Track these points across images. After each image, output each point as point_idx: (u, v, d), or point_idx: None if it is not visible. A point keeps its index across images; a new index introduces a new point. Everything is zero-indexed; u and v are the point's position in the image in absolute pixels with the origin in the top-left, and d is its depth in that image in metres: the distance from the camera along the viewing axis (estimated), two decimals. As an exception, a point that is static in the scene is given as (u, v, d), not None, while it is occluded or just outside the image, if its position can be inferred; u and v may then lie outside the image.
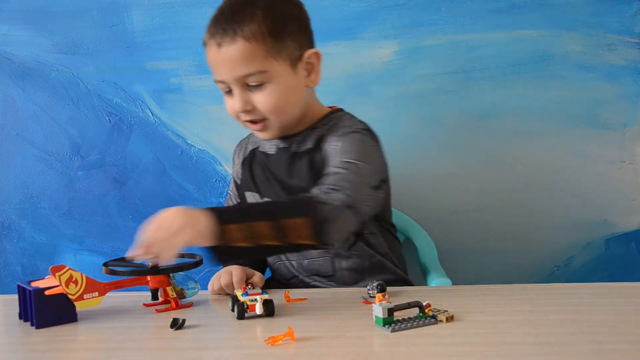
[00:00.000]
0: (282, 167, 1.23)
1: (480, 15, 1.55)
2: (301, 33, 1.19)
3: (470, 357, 0.76)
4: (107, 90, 1.63)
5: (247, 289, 0.96)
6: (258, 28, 1.11)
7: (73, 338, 0.90)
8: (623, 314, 0.92)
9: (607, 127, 1.56)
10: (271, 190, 1.24)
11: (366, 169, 1.13)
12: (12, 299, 1.09)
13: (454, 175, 1.58)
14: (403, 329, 0.85)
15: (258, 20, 1.12)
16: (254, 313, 0.94)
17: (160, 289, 1.04)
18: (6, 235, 1.67)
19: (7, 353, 0.86)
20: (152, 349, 0.84)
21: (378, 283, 1.02)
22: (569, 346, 0.79)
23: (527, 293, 1.07)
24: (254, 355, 0.80)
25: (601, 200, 1.57)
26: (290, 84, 1.16)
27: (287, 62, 1.15)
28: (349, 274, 1.21)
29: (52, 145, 1.65)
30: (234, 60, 1.12)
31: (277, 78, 1.14)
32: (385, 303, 0.87)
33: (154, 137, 1.63)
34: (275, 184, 1.23)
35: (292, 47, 1.15)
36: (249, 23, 1.11)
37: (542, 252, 1.59)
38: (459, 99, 1.57)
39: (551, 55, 1.55)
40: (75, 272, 0.95)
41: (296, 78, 1.17)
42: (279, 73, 1.14)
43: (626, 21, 1.53)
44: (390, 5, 1.55)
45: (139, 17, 1.60)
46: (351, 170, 1.10)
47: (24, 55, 1.64)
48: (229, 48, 1.12)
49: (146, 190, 1.64)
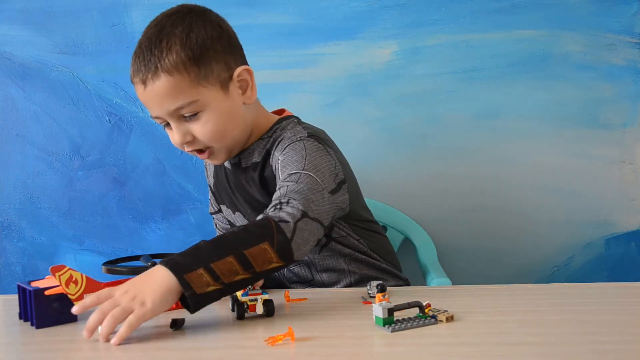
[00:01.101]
0: (238, 182, 1.21)
1: (480, 15, 1.55)
2: (226, 52, 1.13)
3: (470, 357, 0.76)
4: (107, 90, 1.63)
5: (247, 288, 0.96)
6: (178, 59, 1.07)
7: (73, 338, 0.89)
8: (623, 314, 0.92)
9: (607, 127, 1.56)
10: (238, 203, 1.23)
11: (314, 176, 1.08)
12: (12, 299, 1.09)
13: (454, 175, 1.58)
14: (403, 329, 0.85)
15: (177, 51, 1.07)
16: (254, 313, 0.94)
17: None
18: (6, 235, 1.67)
19: (7, 353, 0.86)
20: (152, 349, 0.84)
21: (378, 283, 1.01)
22: (569, 346, 0.79)
23: (527, 293, 1.07)
24: (254, 355, 0.80)
25: (601, 200, 1.57)
26: (225, 107, 1.12)
27: (217, 86, 1.11)
28: (328, 275, 1.21)
29: (52, 145, 1.65)
30: (161, 95, 1.08)
31: (209, 105, 1.10)
32: (385, 303, 0.87)
33: (154, 137, 1.63)
34: (239, 197, 1.22)
35: (218, 70, 1.11)
36: (168, 55, 1.07)
37: (542, 252, 1.59)
38: (459, 99, 1.57)
39: (551, 55, 1.55)
40: (75, 272, 0.95)
41: (230, 100, 1.13)
42: (211, 99, 1.10)
43: (626, 21, 1.53)
44: (390, 5, 1.55)
45: (139, 17, 1.60)
46: (298, 181, 1.06)
47: (24, 55, 1.64)
48: (154, 85, 1.08)
49: (146, 190, 1.64)
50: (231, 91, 1.13)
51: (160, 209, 1.64)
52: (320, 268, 1.21)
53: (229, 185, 1.24)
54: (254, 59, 1.59)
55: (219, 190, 1.28)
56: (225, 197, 1.26)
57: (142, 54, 1.10)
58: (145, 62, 1.09)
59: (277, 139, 1.17)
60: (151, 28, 1.12)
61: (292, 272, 1.22)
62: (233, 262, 0.91)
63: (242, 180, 1.21)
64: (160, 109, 1.10)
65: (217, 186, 1.29)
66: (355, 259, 1.22)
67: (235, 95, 1.14)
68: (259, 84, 1.63)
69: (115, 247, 1.64)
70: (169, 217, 1.64)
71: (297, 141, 1.14)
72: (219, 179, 1.27)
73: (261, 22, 1.58)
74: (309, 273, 1.21)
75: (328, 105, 1.57)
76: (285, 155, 1.12)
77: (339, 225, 1.20)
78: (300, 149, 1.12)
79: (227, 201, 1.27)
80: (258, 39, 1.59)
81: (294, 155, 1.11)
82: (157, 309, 0.87)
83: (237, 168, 1.21)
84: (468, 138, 1.57)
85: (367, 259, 1.23)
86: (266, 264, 0.95)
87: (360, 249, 1.23)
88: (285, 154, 1.12)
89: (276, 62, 1.59)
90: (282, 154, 1.13)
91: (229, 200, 1.25)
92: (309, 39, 1.58)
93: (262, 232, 0.96)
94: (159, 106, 1.10)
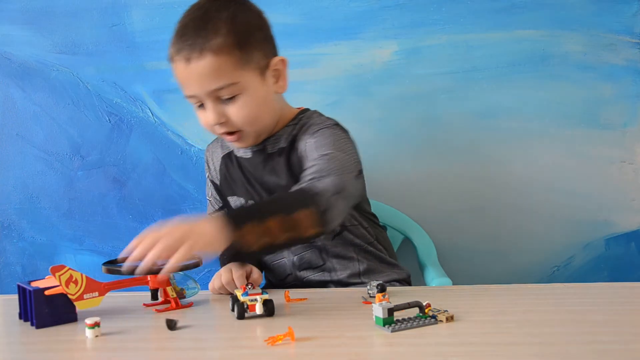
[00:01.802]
0: (260, 169, 1.25)
1: (480, 15, 1.55)
2: (265, 41, 1.19)
3: (470, 357, 0.76)
4: (107, 90, 1.63)
5: (247, 288, 0.96)
6: (224, 41, 1.11)
7: (73, 338, 0.89)
8: (623, 314, 0.92)
9: (607, 127, 1.56)
10: (254, 192, 1.25)
11: (344, 157, 1.15)
12: (12, 299, 1.09)
13: (454, 175, 1.58)
14: (403, 328, 0.85)
15: (223, 34, 1.12)
16: (254, 313, 0.94)
17: (160, 289, 1.04)
18: (6, 235, 1.67)
19: (7, 353, 0.86)
20: (152, 349, 0.84)
21: (378, 283, 1.02)
22: (569, 346, 0.79)
23: (527, 293, 1.07)
24: (254, 355, 0.80)
25: (601, 200, 1.57)
26: (261, 93, 1.17)
27: (256, 72, 1.16)
28: (337, 261, 1.24)
29: (52, 145, 1.65)
30: (204, 74, 1.12)
31: (248, 89, 1.14)
32: (385, 303, 0.87)
33: (154, 137, 1.63)
34: (257, 186, 1.25)
35: (258, 57, 1.16)
36: (215, 37, 1.11)
37: (542, 252, 1.59)
38: (459, 99, 1.57)
39: (551, 55, 1.55)
40: (75, 272, 0.95)
41: (265, 87, 1.18)
42: (249, 84, 1.15)
43: (626, 21, 1.53)
44: (390, 5, 1.55)
45: (139, 17, 1.61)
46: (331, 160, 1.13)
47: (24, 55, 1.64)
48: (198, 64, 1.11)
49: (146, 190, 1.64)
50: (267, 79, 1.18)
51: (160, 209, 1.64)
52: (332, 254, 1.24)
53: (244, 174, 1.27)
54: (254, 59, 1.60)
55: (229, 182, 1.30)
56: (238, 187, 1.28)
57: (187, 34, 1.13)
58: (190, 42, 1.12)
59: (303, 125, 1.23)
60: (195, 11, 1.16)
61: (303, 259, 1.24)
62: (280, 223, 0.98)
63: (265, 167, 1.24)
64: (201, 87, 1.13)
65: (227, 178, 1.30)
66: (363, 250, 1.26)
67: (270, 83, 1.19)
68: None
69: (115, 247, 1.64)
70: (169, 216, 1.64)
71: (327, 127, 1.20)
72: (230, 171, 1.30)
73: (261, 22, 1.58)
74: (320, 259, 1.24)
75: (328, 105, 1.57)
76: (316, 139, 1.18)
77: (351, 212, 1.24)
78: (330, 133, 1.18)
79: (239, 191, 1.28)
80: (258, 39, 1.59)
81: (325, 139, 1.17)
82: (203, 251, 0.94)
83: (261, 154, 1.25)
84: (468, 138, 1.57)
85: (374, 251, 1.27)
86: (306, 230, 1.01)
87: (368, 239, 1.27)
88: (316, 137, 1.18)
89: (276, 62, 1.59)
90: (313, 137, 1.18)
91: (243, 189, 1.27)
92: (309, 39, 1.58)
93: (305, 199, 1.03)
94: (200, 85, 1.13)
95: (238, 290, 0.96)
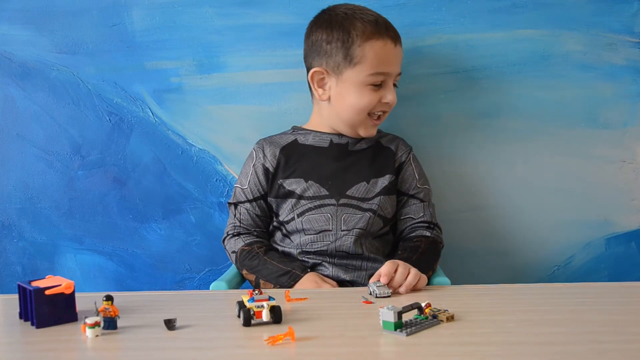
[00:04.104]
0: (338, 159, 1.39)
1: (480, 15, 1.55)
2: None
3: (471, 357, 0.76)
4: (107, 90, 1.63)
5: (254, 294, 0.92)
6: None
7: (73, 338, 0.90)
8: (623, 314, 0.92)
9: (607, 127, 1.56)
10: (320, 175, 1.37)
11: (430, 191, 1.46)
12: (12, 298, 1.09)
13: (453, 175, 1.58)
14: (415, 331, 0.85)
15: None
16: (261, 320, 0.91)
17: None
18: (6, 235, 1.67)
19: (7, 353, 0.86)
20: (152, 348, 0.84)
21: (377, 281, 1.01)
22: (569, 346, 0.79)
23: (527, 293, 1.07)
24: (254, 355, 0.80)
25: (601, 200, 1.57)
26: None
27: None
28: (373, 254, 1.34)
29: (52, 145, 1.65)
30: (400, 59, 1.37)
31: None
32: (392, 306, 0.86)
33: (155, 137, 1.63)
34: (327, 170, 1.37)
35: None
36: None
37: (542, 252, 1.59)
38: (459, 99, 1.57)
39: (551, 55, 1.55)
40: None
41: None
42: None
43: (626, 21, 1.53)
44: (390, 5, 1.55)
45: (139, 17, 1.60)
46: (428, 195, 1.44)
47: (24, 55, 1.64)
48: (399, 50, 1.36)
49: (146, 190, 1.64)
50: None
51: (161, 209, 1.64)
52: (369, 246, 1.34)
53: (315, 158, 1.39)
54: (254, 59, 1.60)
55: (290, 166, 1.39)
56: (302, 166, 1.39)
57: (384, 23, 1.35)
58: (393, 32, 1.35)
59: (387, 135, 1.47)
60: (371, 12, 1.37)
61: (342, 250, 1.32)
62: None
63: (344, 158, 1.40)
64: (398, 68, 1.37)
65: (288, 163, 1.39)
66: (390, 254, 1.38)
67: None
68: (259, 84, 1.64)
69: (115, 246, 1.64)
70: (169, 216, 1.64)
71: (411, 149, 1.47)
72: (292, 158, 1.40)
73: (261, 22, 1.58)
74: (360, 248, 1.33)
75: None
76: (415, 164, 1.45)
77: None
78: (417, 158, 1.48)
79: (305, 173, 1.38)
80: (258, 39, 1.59)
81: (420, 168, 1.46)
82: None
83: (340, 147, 1.41)
84: (468, 138, 1.57)
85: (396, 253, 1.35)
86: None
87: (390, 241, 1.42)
88: (415, 162, 1.45)
89: (276, 62, 1.58)
90: (412, 161, 1.44)
91: (308, 171, 1.38)
92: (309, 38, 1.58)
93: (439, 253, 1.39)
94: (398, 66, 1.37)
95: (245, 296, 0.94)
